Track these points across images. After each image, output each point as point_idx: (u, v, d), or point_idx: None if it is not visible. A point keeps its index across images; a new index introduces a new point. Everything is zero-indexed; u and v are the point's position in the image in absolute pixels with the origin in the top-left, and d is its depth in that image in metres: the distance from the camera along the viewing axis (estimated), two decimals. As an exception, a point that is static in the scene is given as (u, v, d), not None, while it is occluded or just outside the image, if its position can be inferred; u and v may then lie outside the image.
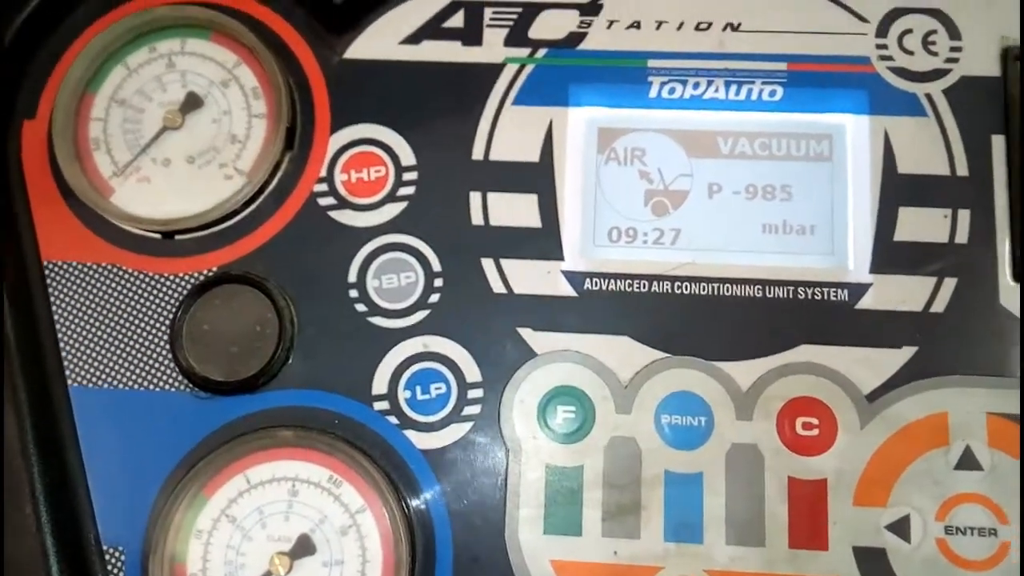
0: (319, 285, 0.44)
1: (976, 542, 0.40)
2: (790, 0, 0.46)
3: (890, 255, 0.43)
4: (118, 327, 0.44)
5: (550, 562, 0.41)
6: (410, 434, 0.42)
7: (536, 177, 0.45)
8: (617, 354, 0.43)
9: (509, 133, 0.45)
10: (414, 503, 0.41)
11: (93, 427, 0.43)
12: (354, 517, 0.41)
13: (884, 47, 0.45)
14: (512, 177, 0.45)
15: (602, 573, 0.41)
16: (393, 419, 0.43)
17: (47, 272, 0.45)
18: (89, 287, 0.44)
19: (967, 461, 0.41)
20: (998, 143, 0.44)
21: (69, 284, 0.44)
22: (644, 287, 0.43)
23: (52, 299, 0.44)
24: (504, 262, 0.44)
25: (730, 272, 0.43)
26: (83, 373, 0.44)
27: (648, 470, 0.41)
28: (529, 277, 0.44)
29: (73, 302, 0.44)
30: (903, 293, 0.42)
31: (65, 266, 0.44)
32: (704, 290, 0.43)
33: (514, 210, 0.44)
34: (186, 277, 0.44)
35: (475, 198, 0.44)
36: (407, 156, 0.45)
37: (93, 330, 0.44)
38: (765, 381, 0.42)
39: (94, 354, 0.44)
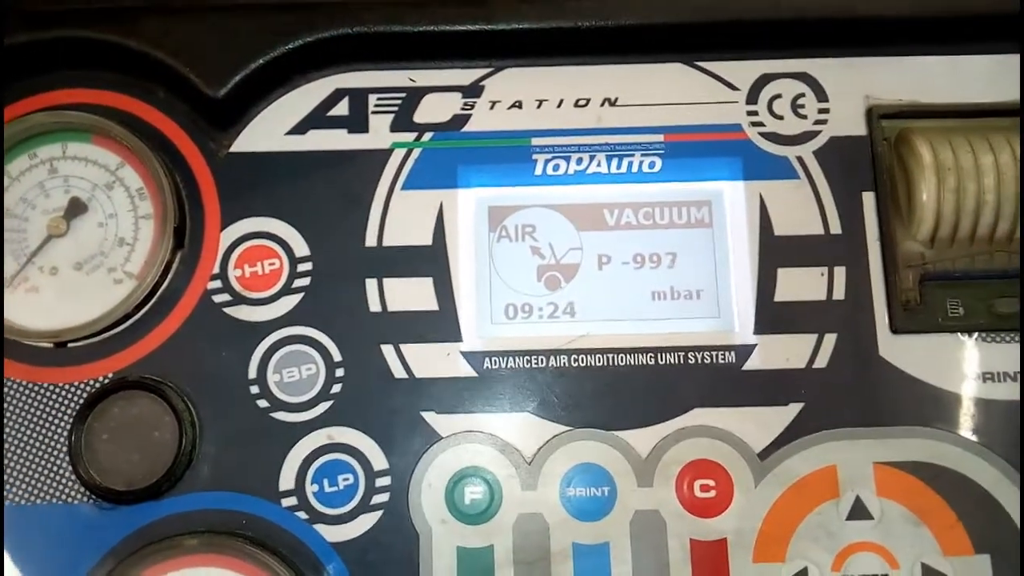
0: (219, 383, 0.44)
1: None
2: (663, 72, 0.47)
3: (772, 315, 0.45)
4: (17, 441, 0.43)
5: None
6: (320, 528, 0.43)
7: (430, 260, 0.46)
8: (520, 431, 0.44)
9: (401, 217, 0.46)
10: None
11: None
12: None
13: (755, 113, 0.47)
14: (406, 261, 0.46)
15: None
16: (302, 514, 0.43)
17: None
18: None
19: (858, 511, 0.43)
20: (868, 200, 0.46)
21: None
22: (542, 362, 0.44)
23: None
24: (404, 347, 0.44)
25: (623, 342, 0.45)
26: None
27: (556, 544, 0.42)
28: (429, 360, 0.44)
29: None
30: (787, 351, 0.44)
31: None
32: (599, 361, 0.44)
33: (410, 294, 0.45)
34: (81, 386, 0.44)
35: (371, 285, 0.45)
36: (300, 247, 0.46)
37: None
38: (663, 447, 0.43)
39: None
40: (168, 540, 0.41)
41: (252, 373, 0.44)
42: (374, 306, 0.45)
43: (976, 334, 0.44)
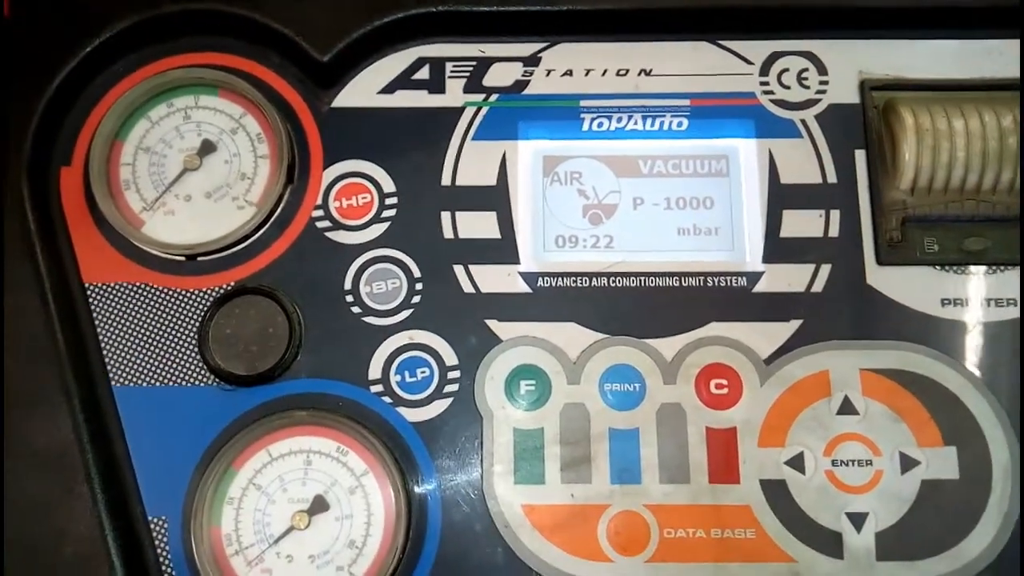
0: (320, 293, 0.51)
1: (856, 471, 0.48)
2: (690, 49, 0.54)
3: (777, 248, 0.51)
4: (152, 335, 0.51)
5: (520, 506, 0.48)
6: (402, 410, 0.49)
7: (495, 197, 0.52)
8: (566, 337, 0.50)
9: (471, 163, 0.53)
10: (408, 465, 0.49)
11: (135, 419, 0.50)
12: (359, 479, 0.48)
13: (766, 83, 0.54)
14: (475, 198, 0.52)
15: (562, 512, 0.48)
16: (387, 399, 0.50)
17: (88, 292, 0.52)
18: (125, 303, 0.51)
19: (846, 407, 0.49)
20: (860, 156, 0.52)
21: (108, 301, 0.52)
22: (585, 283, 0.51)
23: (94, 314, 0.51)
24: (472, 267, 0.51)
25: (653, 268, 0.51)
26: (125, 374, 0.51)
27: (595, 428, 0.49)
28: (492, 278, 0.51)
29: (113, 316, 0.51)
30: (789, 277, 0.51)
31: (104, 287, 0.52)
32: (633, 283, 0.51)
33: (478, 225, 0.52)
34: (208, 292, 0.51)
35: (446, 216, 0.52)
36: (388, 185, 0.53)
37: (131, 339, 0.51)
38: (684, 352, 0.50)
39: (133, 358, 0.51)
40: (281, 413, 0.49)
41: (347, 285, 0.51)
42: (448, 233, 0.52)
43: (948, 267, 0.51)
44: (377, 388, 0.50)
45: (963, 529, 0.48)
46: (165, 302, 0.52)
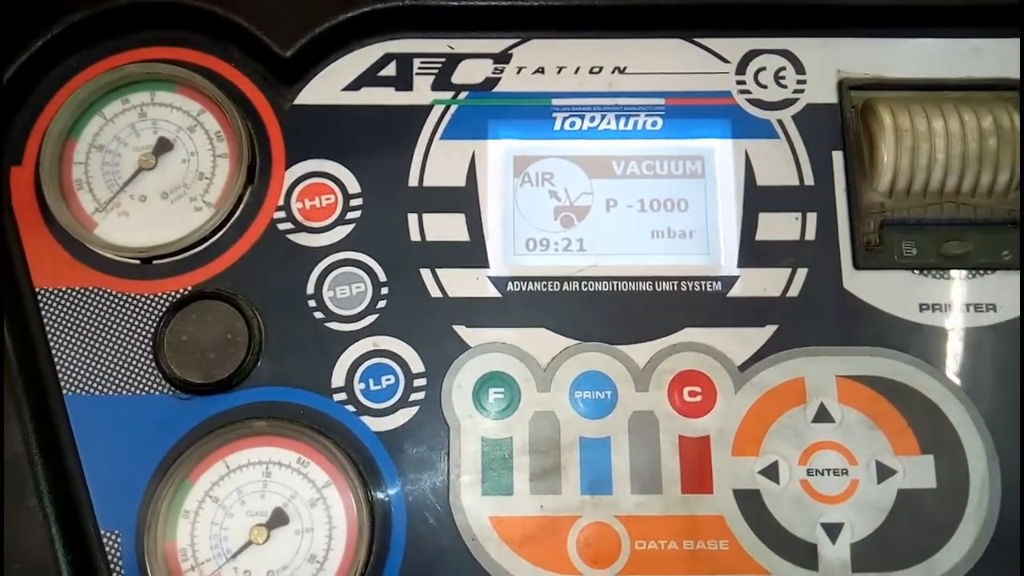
0: (281, 298, 0.50)
1: (831, 481, 0.48)
2: (665, 46, 0.53)
3: (753, 252, 0.50)
4: (106, 342, 0.49)
5: (488, 518, 0.47)
6: (366, 419, 0.48)
7: (463, 199, 0.51)
8: (536, 343, 0.49)
9: (439, 163, 0.52)
10: (371, 477, 0.47)
11: (88, 429, 0.48)
12: (321, 491, 0.47)
13: (743, 82, 0.53)
14: (443, 200, 0.51)
15: (531, 524, 0.47)
16: (351, 408, 0.49)
17: (40, 297, 0.50)
18: (78, 309, 0.50)
19: (821, 415, 0.48)
20: (837, 157, 0.52)
21: (60, 307, 0.50)
22: (556, 287, 0.50)
23: (46, 320, 0.50)
24: (439, 271, 0.50)
25: (626, 271, 0.50)
26: (77, 383, 0.49)
27: (566, 437, 0.48)
28: (461, 282, 0.50)
29: (65, 322, 0.50)
30: (764, 282, 0.50)
31: (56, 292, 0.50)
32: (605, 287, 0.50)
33: (446, 227, 0.51)
34: (164, 296, 0.50)
35: (412, 218, 0.51)
36: (353, 185, 0.51)
37: (84, 346, 0.49)
38: (657, 359, 0.49)
39: (86, 366, 0.49)
40: (240, 422, 0.47)
41: (310, 289, 0.50)
42: (415, 236, 0.51)
43: (927, 271, 0.50)
44: (340, 396, 0.49)
45: (940, 540, 0.47)
46: (119, 307, 0.50)
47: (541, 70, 0.53)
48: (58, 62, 0.53)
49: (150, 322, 0.50)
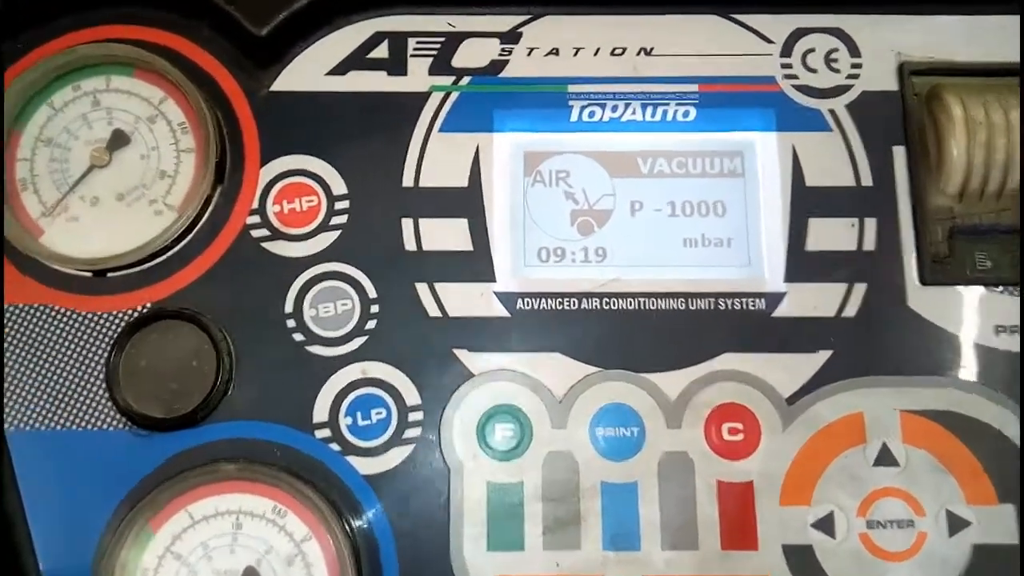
0: (255, 317, 0.45)
1: (896, 534, 0.43)
2: (699, 24, 0.48)
3: (802, 264, 0.46)
4: (53, 368, 0.44)
5: None
6: (353, 460, 0.44)
7: (465, 202, 0.46)
8: (551, 370, 0.45)
9: (438, 159, 0.47)
10: (359, 528, 0.42)
11: (32, 469, 0.43)
12: (300, 546, 0.42)
13: (789, 66, 0.48)
14: (442, 202, 0.46)
15: None
16: (335, 446, 0.44)
17: None
18: (21, 329, 0.45)
19: (884, 458, 0.43)
20: (899, 153, 0.47)
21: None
22: (574, 304, 0.45)
23: None
24: (438, 286, 0.45)
25: (654, 286, 0.45)
26: (20, 416, 0.44)
27: (585, 482, 0.43)
28: (463, 299, 0.45)
29: (6, 345, 0.44)
30: (816, 300, 0.45)
31: None
32: (631, 305, 0.45)
33: (446, 234, 0.46)
34: (119, 315, 0.45)
35: (407, 224, 0.46)
36: (338, 185, 0.46)
37: (27, 373, 0.44)
38: (691, 390, 0.44)
39: (30, 397, 0.44)
40: (206, 465, 0.42)
41: (288, 307, 0.45)
42: (409, 245, 0.46)
43: (1003, 287, 0.45)
44: (323, 433, 0.44)
45: (1021, 603, 0.43)
46: (67, 328, 0.45)
47: (555, 51, 0.48)
48: (1, 43, 0.48)
49: (103, 345, 0.45)
